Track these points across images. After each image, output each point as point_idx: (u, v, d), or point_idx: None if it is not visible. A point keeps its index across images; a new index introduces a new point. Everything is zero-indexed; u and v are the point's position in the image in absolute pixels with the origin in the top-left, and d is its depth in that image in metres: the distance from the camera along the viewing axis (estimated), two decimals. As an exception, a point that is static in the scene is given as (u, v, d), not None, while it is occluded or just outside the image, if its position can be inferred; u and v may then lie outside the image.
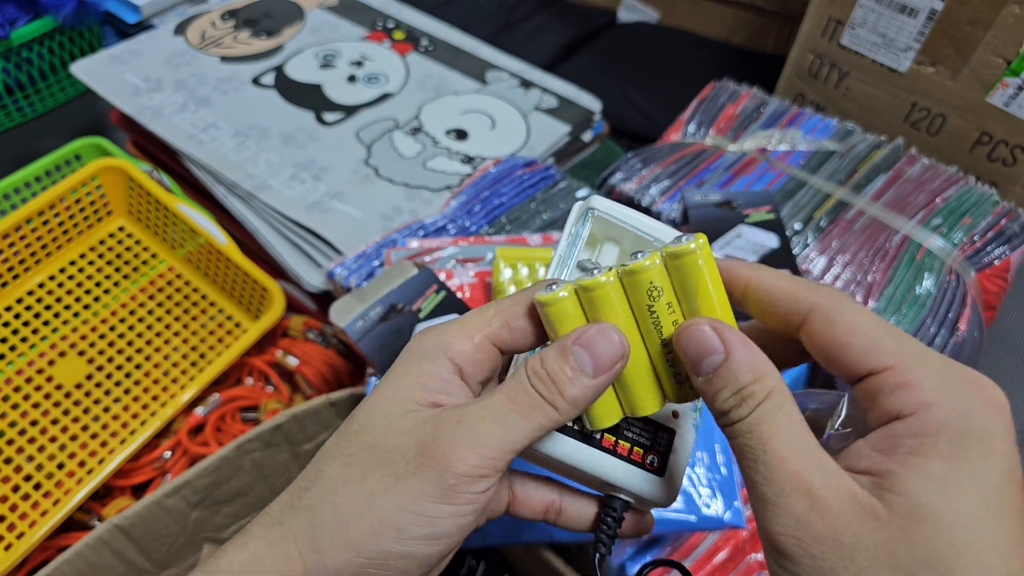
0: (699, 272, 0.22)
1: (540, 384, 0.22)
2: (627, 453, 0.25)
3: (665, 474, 0.25)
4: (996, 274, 0.56)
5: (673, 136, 0.70)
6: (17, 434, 0.49)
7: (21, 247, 0.54)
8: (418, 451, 0.21)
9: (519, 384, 0.22)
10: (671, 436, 0.26)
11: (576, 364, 0.22)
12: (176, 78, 0.69)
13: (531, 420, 0.21)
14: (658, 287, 0.22)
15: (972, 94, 0.64)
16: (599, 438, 0.25)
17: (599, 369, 0.22)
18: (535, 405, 0.22)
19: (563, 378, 0.22)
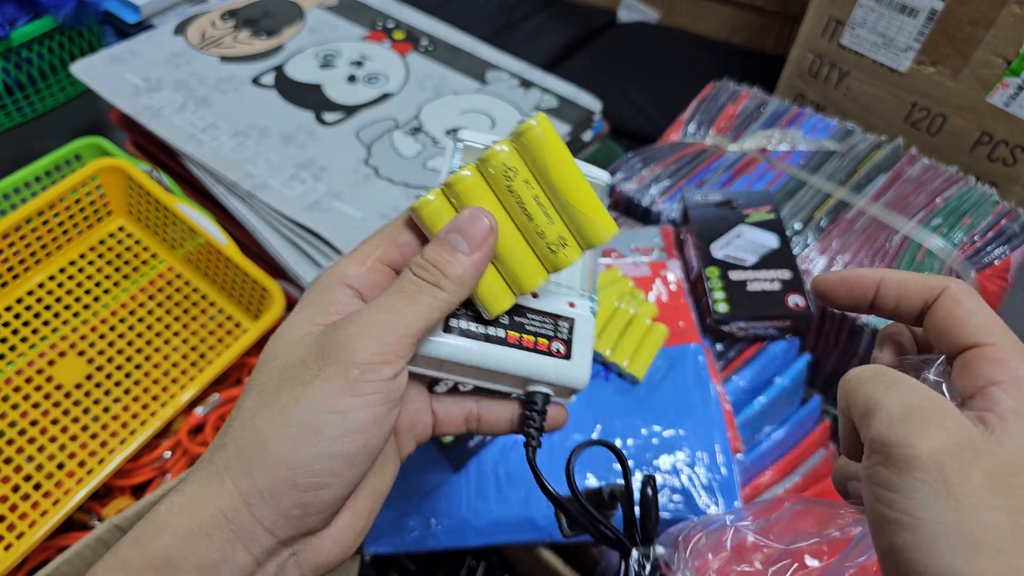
0: (543, 145, 0.24)
1: (423, 271, 0.24)
2: (533, 345, 0.26)
3: (572, 358, 0.27)
4: (996, 274, 0.56)
5: (673, 136, 0.70)
6: (17, 434, 0.49)
7: (21, 247, 0.54)
8: (319, 355, 0.22)
9: (404, 277, 0.24)
10: (571, 323, 0.28)
11: (452, 246, 0.24)
12: (176, 78, 0.69)
13: (420, 303, 0.23)
14: (512, 167, 0.24)
15: (972, 94, 0.64)
16: (504, 336, 0.26)
17: (473, 245, 0.24)
18: (421, 289, 0.23)
19: (443, 260, 0.24)
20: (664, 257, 0.55)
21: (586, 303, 0.28)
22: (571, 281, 0.29)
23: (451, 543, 0.44)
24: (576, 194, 0.25)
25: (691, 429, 0.46)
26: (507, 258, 0.25)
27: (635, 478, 0.44)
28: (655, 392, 0.48)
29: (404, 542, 0.44)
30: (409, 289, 0.23)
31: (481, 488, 0.45)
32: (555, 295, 0.28)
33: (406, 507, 0.45)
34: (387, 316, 0.23)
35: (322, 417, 0.21)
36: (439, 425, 0.28)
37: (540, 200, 0.25)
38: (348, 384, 0.22)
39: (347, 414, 0.22)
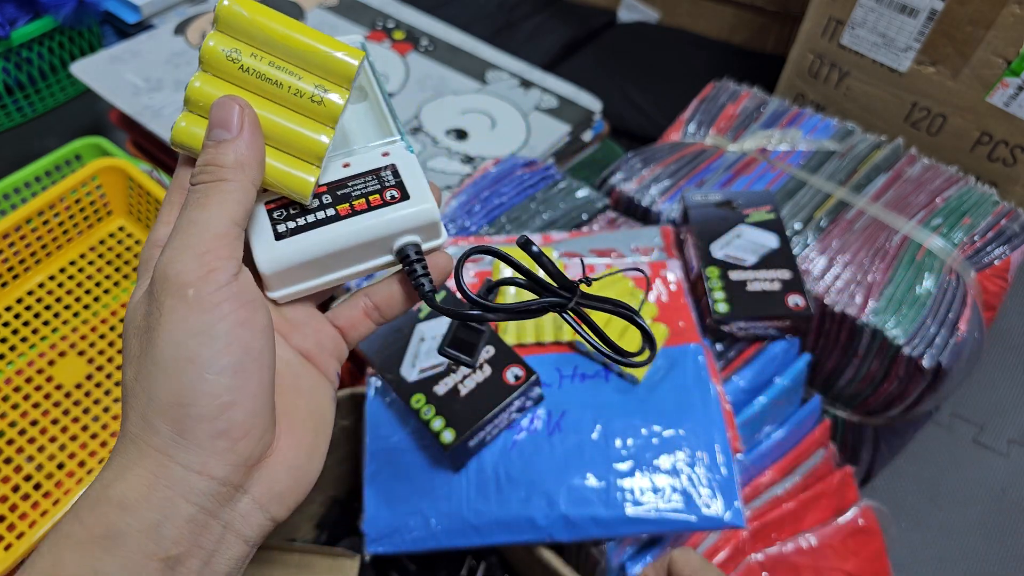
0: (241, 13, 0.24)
1: (201, 175, 0.23)
2: (366, 206, 0.26)
3: (410, 196, 0.26)
4: (996, 274, 0.56)
5: (673, 136, 0.70)
6: (17, 434, 0.49)
7: (21, 247, 0.54)
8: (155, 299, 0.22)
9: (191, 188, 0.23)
10: (392, 168, 0.27)
11: (216, 140, 0.24)
12: (176, 78, 0.69)
13: (210, 204, 0.23)
14: (231, 49, 0.24)
15: (972, 94, 0.64)
16: (336, 213, 0.26)
17: (233, 128, 0.24)
18: (207, 191, 0.23)
19: (212, 156, 0.23)
20: (664, 257, 0.55)
21: (398, 145, 0.28)
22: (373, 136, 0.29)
23: (451, 543, 0.44)
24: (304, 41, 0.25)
25: (691, 429, 0.46)
26: (283, 135, 0.25)
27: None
28: (655, 392, 0.48)
29: (404, 542, 0.44)
30: (194, 198, 0.23)
31: (481, 488, 0.45)
32: (364, 154, 0.27)
33: (406, 507, 0.45)
34: (189, 230, 0.22)
35: (187, 345, 0.21)
36: (347, 333, 0.28)
37: (277, 64, 0.25)
38: (192, 306, 0.21)
39: (207, 331, 0.21)
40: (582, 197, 0.62)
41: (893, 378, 0.53)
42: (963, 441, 0.73)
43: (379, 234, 0.26)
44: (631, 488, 0.44)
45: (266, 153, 0.25)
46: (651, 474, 0.45)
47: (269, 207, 0.26)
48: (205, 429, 0.21)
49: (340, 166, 0.27)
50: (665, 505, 0.44)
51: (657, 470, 0.45)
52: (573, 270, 0.54)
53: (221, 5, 0.24)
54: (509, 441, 0.47)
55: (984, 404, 0.74)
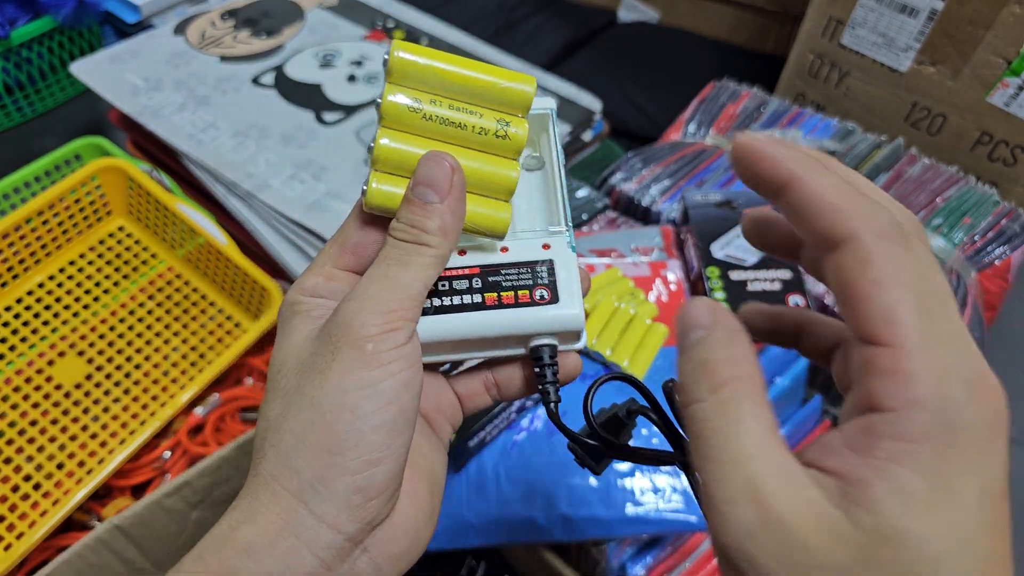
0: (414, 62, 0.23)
1: (403, 233, 0.23)
2: (514, 300, 0.25)
3: (560, 300, 0.26)
4: (997, 274, 0.56)
5: (673, 136, 0.70)
6: (17, 434, 0.49)
7: (21, 247, 0.54)
8: (330, 343, 0.22)
9: (387, 245, 0.23)
10: (549, 265, 0.26)
11: (423, 200, 0.23)
12: (176, 78, 0.69)
13: (411, 265, 0.23)
14: (412, 100, 0.24)
15: (973, 94, 0.64)
16: (482, 301, 0.25)
17: (442, 191, 0.23)
18: (408, 251, 0.23)
19: (418, 217, 0.23)
20: (664, 257, 0.55)
21: (561, 239, 0.26)
22: (539, 217, 0.28)
23: (451, 543, 0.44)
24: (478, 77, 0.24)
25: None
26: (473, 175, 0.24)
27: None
28: (655, 392, 0.48)
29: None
30: (395, 254, 0.23)
31: (481, 488, 0.45)
32: (525, 242, 0.26)
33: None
34: (382, 285, 0.22)
35: (352, 395, 0.21)
36: (465, 402, 0.28)
37: (456, 106, 0.24)
38: (366, 358, 0.21)
39: (375, 386, 0.21)
40: (582, 197, 0.62)
41: (893, 378, 0.53)
42: (963, 441, 0.73)
43: (520, 331, 0.25)
44: (631, 488, 0.44)
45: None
46: (651, 474, 0.44)
47: None
48: (346, 482, 0.21)
49: (498, 249, 0.26)
50: (665, 505, 0.43)
51: (657, 470, 0.45)
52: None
53: (394, 56, 0.23)
54: (509, 441, 0.46)
55: (984, 404, 0.74)
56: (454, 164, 0.23)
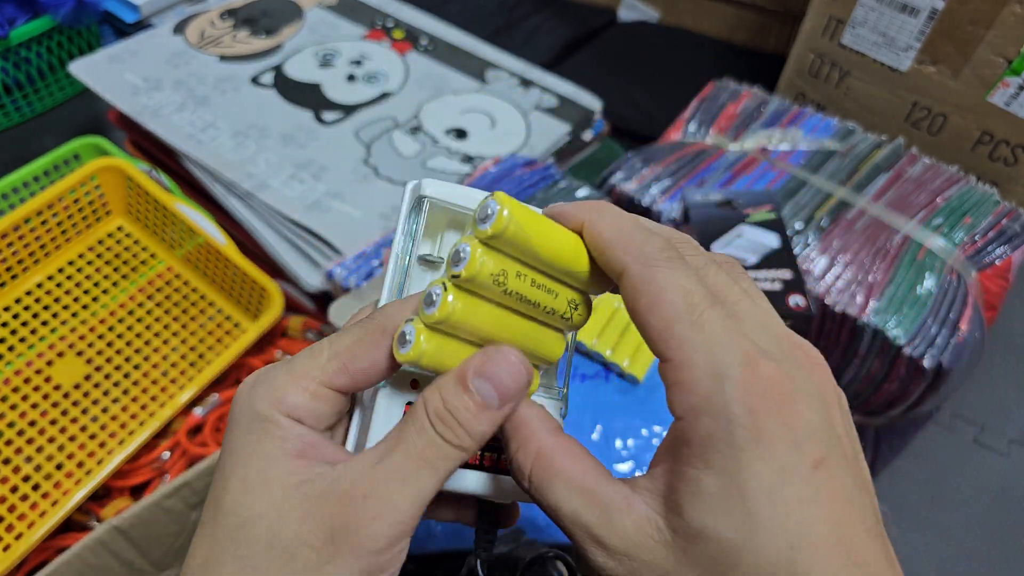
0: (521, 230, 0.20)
1: (444, 428, 0.19)
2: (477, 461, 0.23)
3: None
4: (997, 274, 0.56)
5: (674, 135, 0.70)
6: (15, 435, 0.49)
7: (19, 247, 0.54)
8: (327, 538, 0.19)
9: (423, 433, 0.19)
10: None
11: (480, 399, 0.19)
12: (175, 77, 0.69)
13: (440, 470, 0.19)
14: (499, 272, 0.20)
15: (973, 93, 0.64)
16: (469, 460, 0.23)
17: (504, 399, 0.20)
18: (443, 454, 0.19)
19: (469, 416, 0.19)
20: (664, 257, 0.55)
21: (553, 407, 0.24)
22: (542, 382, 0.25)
23: (451, 544, 0.44)
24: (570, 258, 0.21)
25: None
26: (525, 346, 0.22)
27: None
28: (656, 392, 0.48)
29: (404, 543, 0.44)
30: (430, 453, 0.19)
31: (481, 489, 0.45)
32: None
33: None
34: (407, 491, 0.19)
35: None
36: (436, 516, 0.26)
37: (538, 282, 0.21)
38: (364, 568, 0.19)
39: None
40: (582, 197, 0.62)
41: (894, 378, 0.53)
42: (964, 441, 0.73)
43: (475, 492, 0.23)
44: (631, 489, 0.44)
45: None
46: (651, 475, 0.44)
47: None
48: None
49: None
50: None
51: (657, 471, 0.45)
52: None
53: (503, 220, 0.19)
54: (509, 442, 0.46)
55: (985, 404, 0.74)
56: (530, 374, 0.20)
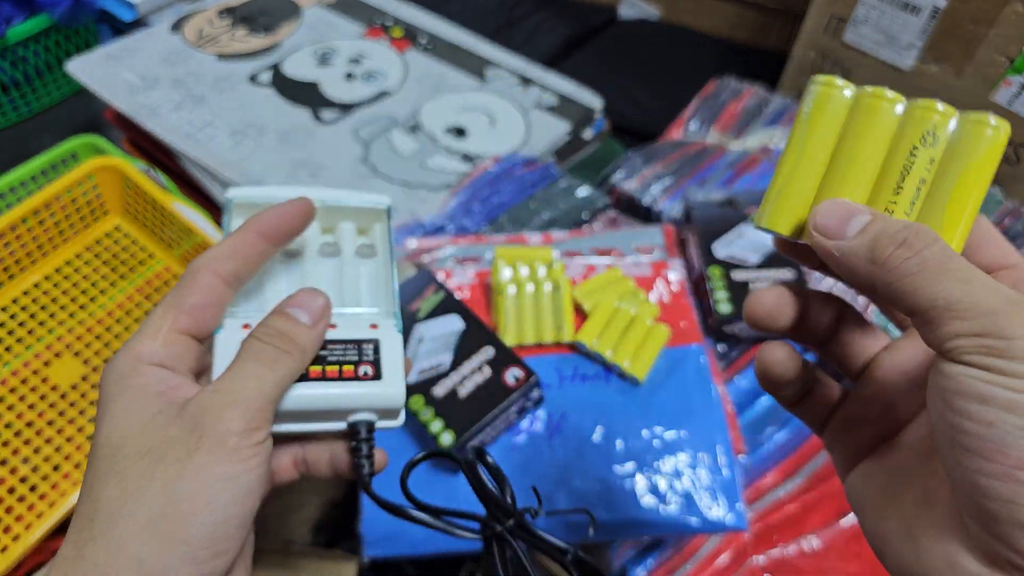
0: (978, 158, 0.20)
1: (274, 340, 0.24)
2: (338, 375, 0.26)
3: (383, 377, 0.26)
4: (1000, 273, 0.56)
5: (675, 134, 0.69)
6: (12, 436, 0.48)
7: (16, 247, 0.53)
8: (191, 430, 0.22)
9: (254, 344, 0.24)
10: (375, 344, 0.27)
11: (295, 318, 0.25)
12: (172, 76, 0.69)
13: (276, 370, 0.24)
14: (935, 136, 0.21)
15: (976, 92, 0.64)
16: (305, 374, 0.25)
17: (313, 316, 0.25)
18: (276, 356, 0.24)
19: (290, 329, 0.25)
20: (666, 256, 0.55)
21: (390, 321, 0.28)
22: (368, 299, 0.29)
23: (450, 546, 0.44)
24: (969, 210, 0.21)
25: (693, 430, 0.46)
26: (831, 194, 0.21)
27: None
28: (657, 393, 0.48)
29: (403, 545, 0.44)
30: (263, 356, 0.24)
31: (481, 490, 0.45)
32: (355, 321, 0.27)
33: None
34: (250, 384, 0.23)
35: (212, 487, 0.21)
36: (273, 476, 0.27)
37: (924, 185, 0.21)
38: (228, 453, 0.22)
39: (236, 479, 0.22)
40: (583, 196, 0.62)
41: (896, 378, 0.53)
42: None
43: (340, 406, 0.26)
44: (632, 490, 0.44)
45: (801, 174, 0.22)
46: (652, 476, 0.44)
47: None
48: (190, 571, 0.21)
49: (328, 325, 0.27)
50: (666, 507, 0.43)
51: (658, 472, 0.44)
52: (574, 270, 0.54)
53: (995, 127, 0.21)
54: (509, 443, 0.46)
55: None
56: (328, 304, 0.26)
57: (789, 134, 0.22)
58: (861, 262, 0.19)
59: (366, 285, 0.29)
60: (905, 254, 0.19)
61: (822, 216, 0.21)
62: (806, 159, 0.22)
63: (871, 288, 0.20)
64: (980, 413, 0.17)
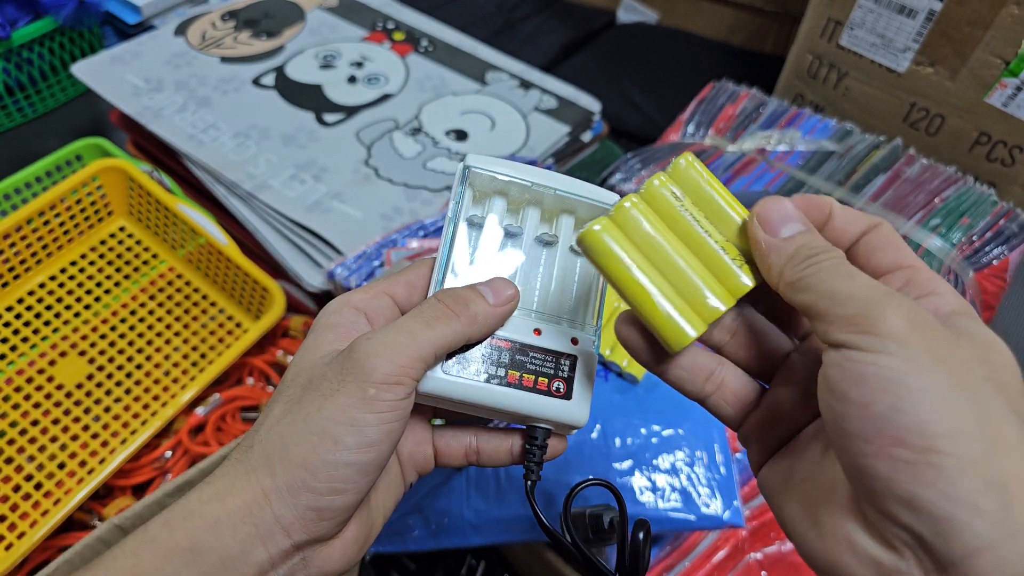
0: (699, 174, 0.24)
1: (446, 299, 0.25)
2: (532, 384, 0.27)
3: (572, 397, 0.27)
4: (995, 274, 0.56)
5: (672, 136, 0.70)
6: (18, 434, 0.49)
7: (22, 247, 0.54)
8: (340, 371, 0.24)
9: (427, 302, 0.25)
10: (573, 361, 0.28)
11: (478, 292, 0.26)
12: (176, 79, 0.70)
13: (436, 328, 0.24)
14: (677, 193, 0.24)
15: (971, 94, 0.64)
16: (504, 376, 0.26)
17: (498, 299, 0.26)
18: (440, 315, 0.25)
19: (467, 297, 0.25)
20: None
21: (589, 338, 0.28)
22: (573, 308, 0.29)
23: (451, 543, 0.44)
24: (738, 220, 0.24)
25: (690, 429, 0.46)
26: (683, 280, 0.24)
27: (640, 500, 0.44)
28: (654, 391, 0.48)
29: (404, 542, 0.44)
30: (428, 314, 0.25)
31: (481, 488, 0.45)
32: (559, 331, 0.28)
33: (406, 507, 0.45)
34: (404, 338, 0.24)
35: (341, 428, 0.23)
36: (440, 457, 0.29)
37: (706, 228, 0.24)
38: (366, 400, 0.23)
39: (363, 428, 0.23)
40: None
41: (892, 378, 0.53)
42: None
43: (527, 414, 0.27)
44: (630, 487, 0.44)
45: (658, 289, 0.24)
46: (650, 473, 0.45)
47: None
48: (309, 499, 0.23)
49: (531, 331, 0.27)
50: (664, 504, 0.44)
51: (656, 469, 0.45)
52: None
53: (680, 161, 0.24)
54: (509, 441, 0.47)
55: (983, 404, 0.74)
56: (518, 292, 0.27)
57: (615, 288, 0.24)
58: (780, 258, 0.22)
59: (573, 288, 0.29)
60: (810, 261, 0.21)
61: (765, 210, 0.23)
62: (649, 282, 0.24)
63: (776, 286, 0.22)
64: (857, 395, 0.18)
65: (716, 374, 0.25)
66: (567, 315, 0.29)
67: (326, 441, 0.23)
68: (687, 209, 0.24)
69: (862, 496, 0.19)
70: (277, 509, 0.22)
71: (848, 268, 0.21)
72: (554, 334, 0.28)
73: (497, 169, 0.28)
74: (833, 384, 0.19)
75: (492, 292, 0.26)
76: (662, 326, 0.23)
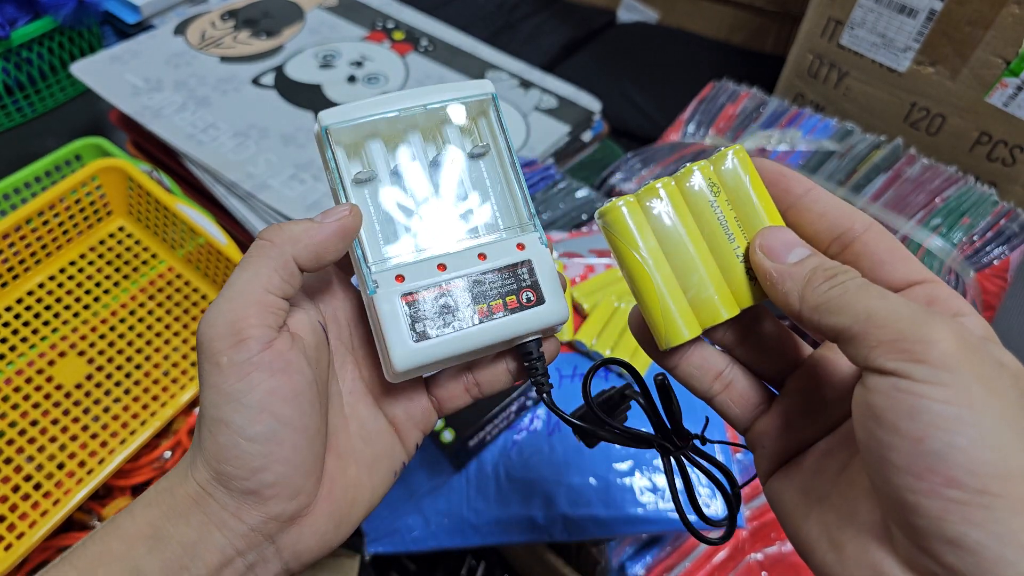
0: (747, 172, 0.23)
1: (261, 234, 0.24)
2: (504, 308, 0.26)
3: (546, 299, 0.26)
4: (995, 274, 0.56)
5: (673, 136, 0.70)
6: (17, 434, 0.49)
7: (21, 247, 0.54)
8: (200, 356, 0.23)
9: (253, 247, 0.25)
10: (529, 266, 0.26)
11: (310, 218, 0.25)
12: (176, 78, 0.70)
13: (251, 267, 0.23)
14: (715, 183, 0.24)
15: (971, 94, 0.64)
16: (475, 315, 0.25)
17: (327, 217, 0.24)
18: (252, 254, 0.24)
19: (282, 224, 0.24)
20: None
21: (533, 235, 0.27)
22: (503, 216, 0.28)
23: (451, 543, 0.44)
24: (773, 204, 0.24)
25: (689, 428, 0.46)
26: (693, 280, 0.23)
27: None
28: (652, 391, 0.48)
29: (404, 542, 0.44)
30: (243, 261, 0.24)
31: (481, 488, 0.45)
32: (501, 244, 0.26)
33: (406, 507, 0.45)
34: (228, 294, 0.23)
35: (223, 409, 0.22)
36: (441, 404, 0.28)
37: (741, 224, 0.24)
38: (223, 372, 0.22)
39: (238, 400, 0.22)
40: (582, 197, 0.62)
41: (892, 378, 0.53)
42: (962, 441, 0.73)
43: (513, 336, 0.26)
44: (631, 488, 0.44)
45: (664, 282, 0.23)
46: (650, 474, 0.45)
47: (406, 299, 0.25)
48: (237, 485, 0.22)
49: (475, 256, 0.26)
50: (665, 505, 0.44)
51: (656, 470, 0.45)
52: (573, 270, 0.54)
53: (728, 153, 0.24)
54: (509, 441, 0.47)
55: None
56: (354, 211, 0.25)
57: (622, 268, 0.24)
58: (796, 283, 0.21)
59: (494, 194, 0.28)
60: (833, 282, 0.20)
61: (767, 239, 0.22)
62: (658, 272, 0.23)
63: (797, 313, 0.21)
64: (909, 428, 0.17)
65: (725, 374, 0.25)
66: (502, 224, 0.27)
67: (218, 427, 0.22)
68: (719, 206, 0.24)
69: (902, 530, 0.18)
70: (219, 498, 0.22)
71: (875, 287, 0.20)
72: (498, 249, 0.26)
73: (357, 114, 0.26)
74: (880, 413, 0.18)
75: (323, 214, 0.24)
76: (658, 320, 0.23)
